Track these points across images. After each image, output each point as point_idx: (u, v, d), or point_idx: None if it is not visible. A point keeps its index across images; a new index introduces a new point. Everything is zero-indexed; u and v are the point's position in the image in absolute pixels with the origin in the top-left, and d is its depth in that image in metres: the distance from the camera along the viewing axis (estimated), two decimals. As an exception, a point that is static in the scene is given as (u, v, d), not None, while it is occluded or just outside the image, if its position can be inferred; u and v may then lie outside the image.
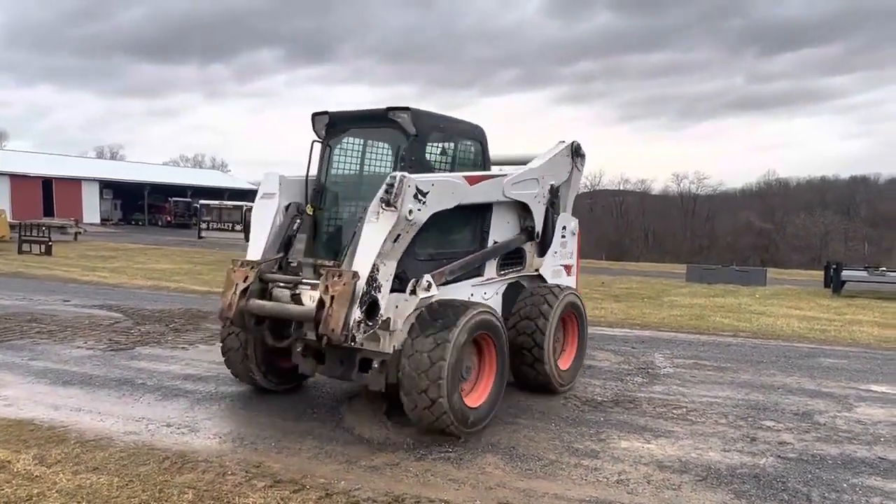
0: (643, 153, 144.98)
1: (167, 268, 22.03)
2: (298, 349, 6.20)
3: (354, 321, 5.18)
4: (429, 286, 5.76)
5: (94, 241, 34.35)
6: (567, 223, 8.18)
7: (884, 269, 22.73)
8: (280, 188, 6.42)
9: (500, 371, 6.07)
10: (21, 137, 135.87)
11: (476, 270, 6.75)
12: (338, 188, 6.66)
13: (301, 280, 5.97)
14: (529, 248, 7.50)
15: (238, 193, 67.60)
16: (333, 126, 6.63)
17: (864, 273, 21.39)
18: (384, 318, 5.46)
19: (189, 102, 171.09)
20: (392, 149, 6.67)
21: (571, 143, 8.07)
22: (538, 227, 7.43)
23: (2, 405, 6.31)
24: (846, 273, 21.13)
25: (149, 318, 11.41)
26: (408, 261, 5.74)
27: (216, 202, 52.99)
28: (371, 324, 5.34)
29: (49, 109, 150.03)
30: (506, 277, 7.23)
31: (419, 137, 6.16)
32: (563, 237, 8.14)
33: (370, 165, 6.76)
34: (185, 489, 4.50)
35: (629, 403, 6.92)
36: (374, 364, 5.77)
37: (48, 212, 50.45)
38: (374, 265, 5.34)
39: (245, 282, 5.82)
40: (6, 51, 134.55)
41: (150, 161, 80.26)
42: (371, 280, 5.32)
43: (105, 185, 59.95)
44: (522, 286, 7.46)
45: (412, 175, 5.51)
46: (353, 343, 5.27)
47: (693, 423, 6.31)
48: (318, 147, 6.69)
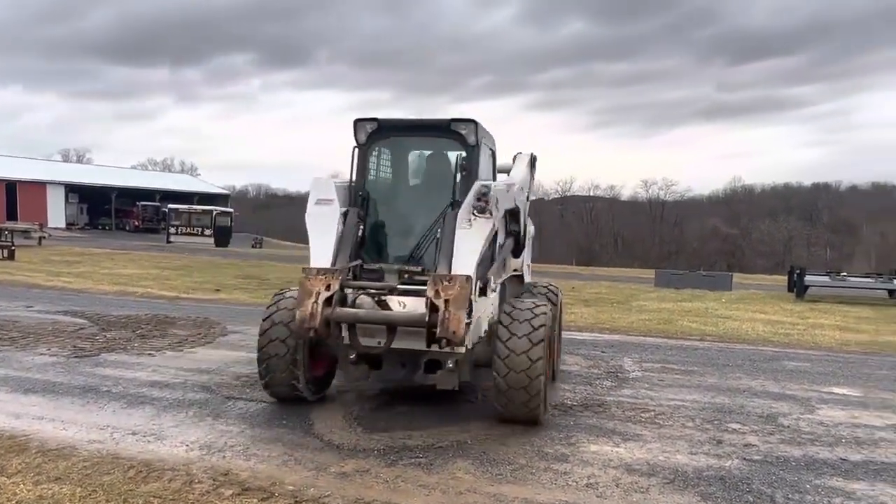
0: (613, 160, 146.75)
1: (134, 273, 21.66)
2: (351, 356, 6.08)
3: (465, 323, 5.45)
4: (495, 287, 6.03)
5: (59, 246, 33.64)
6: (529, 227, 8.46)
7: (845, 274, 23.27)
8: (336, 194, 6.39)
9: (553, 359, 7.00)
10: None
11: None
12: (378, 194, 6.76)
13: (396, 287, 5.99)
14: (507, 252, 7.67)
15: (208, 198, 66.84)
16: (378, 133, 6.67)
17: (827, 278, 21.87)
18: (474, 320, 5.77)
19: (160, 105, 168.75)
20: (442, 157, 6.89)
21: (531, 155, 8.35)
22: (522, 231, 7.59)
23: (-40, 414, 6.13)
24: (809, 278, 21.59)
25: (114, 324, 11.20)
26: None
27: (185, 206, 52.34)
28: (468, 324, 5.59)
29: (15, 112, 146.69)
30: (501, 279, 7.36)
31: (476, 147, 6.53)
32: (529, 240, 8.52)
33: (419, 173, 7.05)
34: (151, 498, 4.41)
35: (598, 407, 6.97)
36: (449, 364, 5.92)
37: (11, 216, 49.34)
38: (476, 269, 5.76)
39: (328, 290, 5.72)
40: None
41: (119, 165, 79.02)
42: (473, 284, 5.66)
43: (71, 189, 58.82)
44: (504, 286, 7.66)
45: (492, 183, 6.12)
46: (464, 344, 5.58)
47: (661, 427, 6.37)
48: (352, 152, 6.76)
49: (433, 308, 5.47)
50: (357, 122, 6.66)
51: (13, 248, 25.14)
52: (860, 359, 10.73)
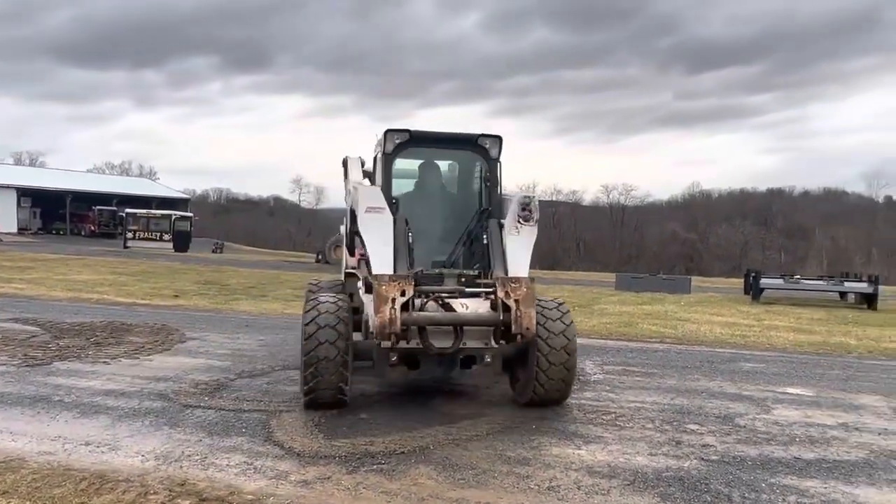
0: (575, 166, 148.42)
1: (90, 279, 21.11)
2: (393, 359, 6.33)
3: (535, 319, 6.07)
4: None
5: (11, 252, 32.61)
6: None
7: (798, 277, 23.92)
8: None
9: None
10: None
11: None
12: (404, 201, 7.03)
13: (464, 290, 6.37)
14: None
15: (167, 202, 65.59)
16: (407, 143, 6.98)
17: (781, 281, 22.43)
18: None
19: (117, 108, 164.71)
20: (467, 169, 7.41)
21: None
22: None
23: None
24: (764, 281, 22.12)
25: (68, 332, 10.88)
26: None
27: (143, 211, 51.25)
28: None
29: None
30: None
31: (498, 161, 7.10)
32: None
33: (443, 183, 7.48)
34: (104, 511, 4.28)
35: (560, 410, 7.01)
36: (487, 359, 6.48)
37: (-40, 220, 47.64)
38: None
39: (403, 296, 5.88)
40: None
41: (74, 168, 76.97)
42: None
43: (23, 193, 57.15)
44: None
45: (533, 195, 6.82)
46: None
47: (622, 429, 6.44)
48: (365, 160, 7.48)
49: (505, 308, 6.00)
50: (388, 132, 6.93)
51: (-39, 254, 24.31)
52: (813, 359, 11.01)
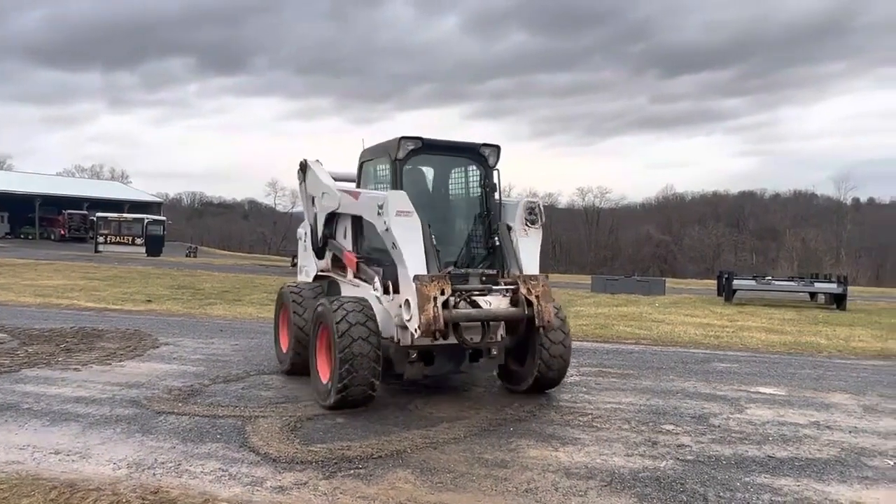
0: (552, 168, 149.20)
1: (60, 284, 20.72)
2: (413, 356, 6.82)
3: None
4: None
5: (-23, 257, 31.89)
6: None
7: (770, 278, 24.30)
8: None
9: None
10: None
11: None
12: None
13: (491, 288, 6.88)
14: None
15: (139, 206, 64.73)
16: (417, 150, 7.31)
17: (753, 282, 22.77)
18: None
19: (90, 110, 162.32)
20: (469, 175, 7.80)
21: None
22: None
23: None
24: (737, 282, 22.43)
25: (37, 338, 10.66)
26: None
27: (115, 215, 50.55)
28: None
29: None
30: None
31: (496, 169, 7.63)
32: None
33: (446, 188, 7.82)
34: (74, 521, 4.19)
35: (538, 412, 7.03)
36: (493, 352, 7.13)
37: (-76, 225, 46.52)
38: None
39: (442, 294, 6.25)
40: None
41: (43, 172, 75.58)
42: None
43: (-10, 197, 55.94)
44: None
45: (538, 199, 7.55)
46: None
47: (598, 430, 6.47)
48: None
49: (528, 303, 6.59)
50: (402, 140, 7.22)
51: (-74, 259, 23.72)
52: (785, 359, 11.18)
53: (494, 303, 6.77)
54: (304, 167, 8.88)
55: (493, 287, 6.90)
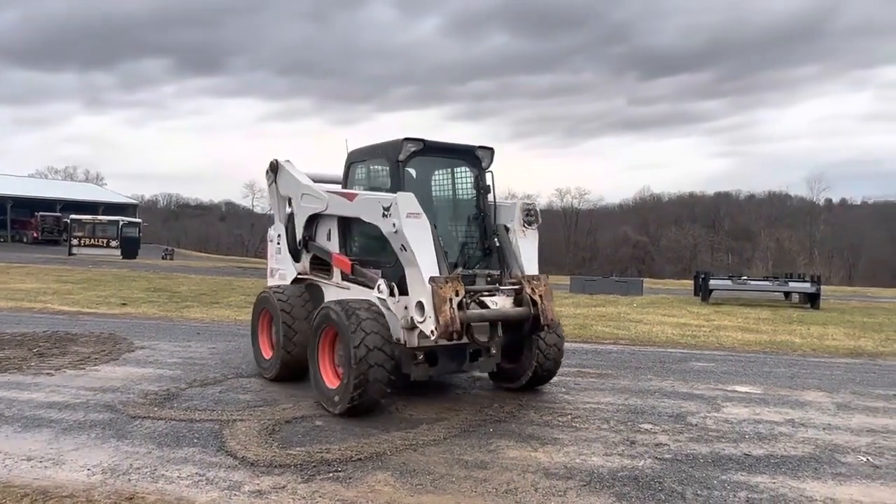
0: (532, 170, 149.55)
1: (32, 287, 20.35)
2: (419, 357, 6.88)
3: None
4: None
5: (-53, 260, 31.24)
6: None
7: (745, 278, 24.61)
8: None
9: None
10: None
11: None
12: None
13: (499, 288, 7.02)
14: None
15: (114, 208, 63.88)
16: (419, 152, 7.28)
17: (729, 282, 23.02)
18: None
19: (65, 111, 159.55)
20: (465, 177, 7.82)
21: None
22: None
23: None
24: (713, 282, 22.67)
25: (8, 343, 10.46)
26: None
27: (89, 217, 49.69)
28: None
29: None
30: None
31: (489, 171, 7.75)
32: None
33: (442, 189, 7.81)
34: (47, 528, 4.11)
35: (517, 412, 7.04)
36: (492, 350, 7.32)
37: None
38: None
39: (457, 295, 6.30)
40: None
41: (15, 173, 74.17)
42: None
43: (-41, 199, 54.84)
44: None
45: (534, 202, 7.76)
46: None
47: (577, 430, 6.49)
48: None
49: (533, 302, 6.77)
50: (406, 141, 7.20)
51: None
52: (760, 358, 11.32)
53: (500, 303, 6.89)
54: (276, 167, 8.75)
55: (500, 287, 7.05)
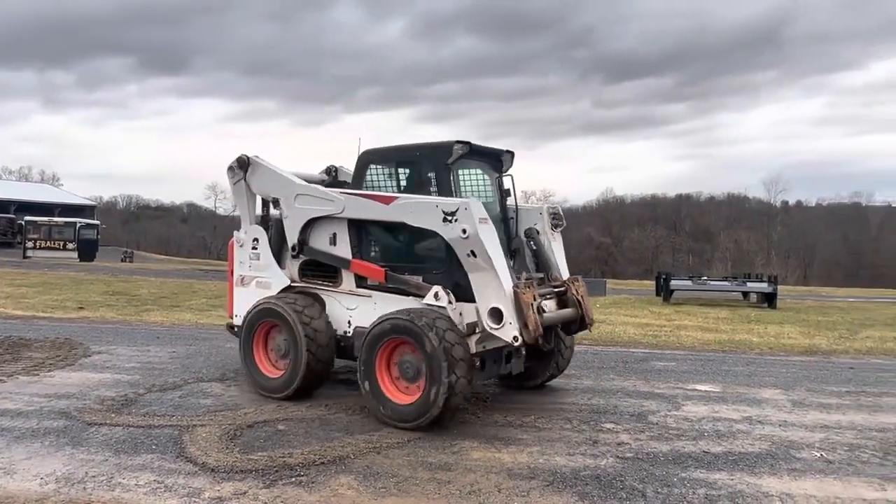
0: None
1: (-16, 291, 19.72)
2: (477, 363, 6.69)
3: None
4: None
5: None
6: None
7: (705, 279, 25.07)
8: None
9: None
10: None
11: None
12: None
13: (556, 292, 7.27)
14: None
15: (72, 209, 62.37)
16: (466, 155, 7.22)
17: (689, 282, 23.42)
18: None
19: (21, 110, 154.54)
20: (493, 180, 7.83)
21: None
22: None
23: None
24: (674, 283, 23.04)
25: (-42, 349, 10.11)
26: None
27: (45, 219, 48.37)
28: None
29: None
30: None
31: (510, 174, 7.86)
32: None
33: (475, 192, 7.64)
34: (-3, 540, 3.98)
35: (481, 413, 7.05)
36: (522, 351, 7.24)
37: None
38: None
39: (534, 300, 6.44)
40: None
41: (-35, 173, 71.86)
42: None
43: None
44: None
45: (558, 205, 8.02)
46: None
47: (540, 430, 6.53)
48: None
49: (578, 303, 7.14)
50: (459, 143, 7.13)
51: None
52: (719, 357, 11.53)
53: (549, 305, 7.05)
54: (246, 163, 8.01)
55: (555, 290, 7.27)
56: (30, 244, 44.46)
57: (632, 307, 20.67)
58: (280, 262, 8.05)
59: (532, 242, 7.83)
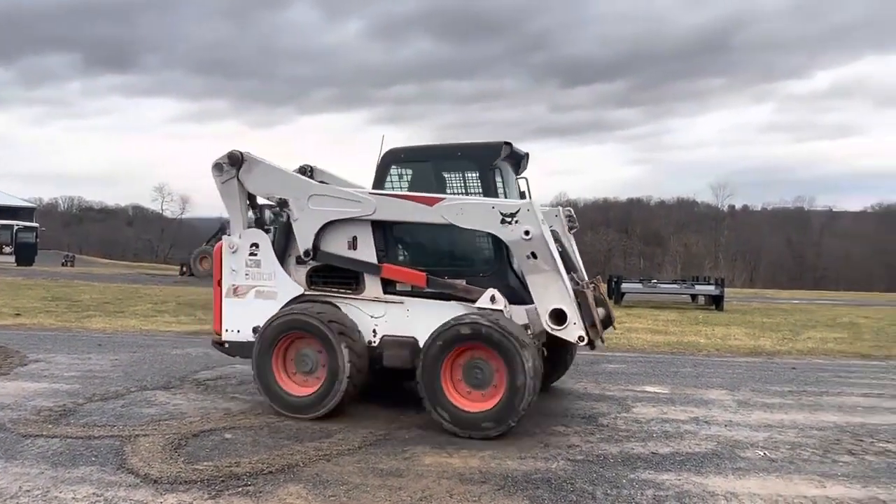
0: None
1: (-88, 297, 18.85)
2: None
3: None
4: None
5: None
6: None
7: (655, 282, 25.61)
8: None
9: None
10: None
11: None
12: None
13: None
14: None
15: (8, 211, 59.98)
16: (506, 156, 7.40)
17: (640, 285, 23.92)
18: None
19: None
20: (516, 181, 7.95)
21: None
22: None
23: None
24: (625, 286, 23.51)
25: None
26: None
27: (-22, 221, 46.54)
28: None
29: None
30: None
31: (524, 176, 8.01)
32: None
33: (510, 193, 7.66)
34: (-79, 561, 3.79)
35: (433, 420, 7.03)
36: (545, 352, 7.44)
37: None
38: None
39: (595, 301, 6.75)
40: None
41: None
42: None
43: None
44: None
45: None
46: None
47: (493, 434, 6.56)
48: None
49: (604, 302, 7.28)
50: (505, 145, 7.27)
51: None
52: (668, 358, 11.80)
53: None
54: (239, 160, 7.24)
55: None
56: (-38, 248, 42.68)
57: (584, 310, 20.96)
58: (286, 270, 7.42)
59: (557, 245, 7.79)
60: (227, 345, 7.45)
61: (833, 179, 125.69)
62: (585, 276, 7.73)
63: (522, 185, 7.93)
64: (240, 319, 7.34)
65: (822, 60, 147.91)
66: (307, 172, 8.29)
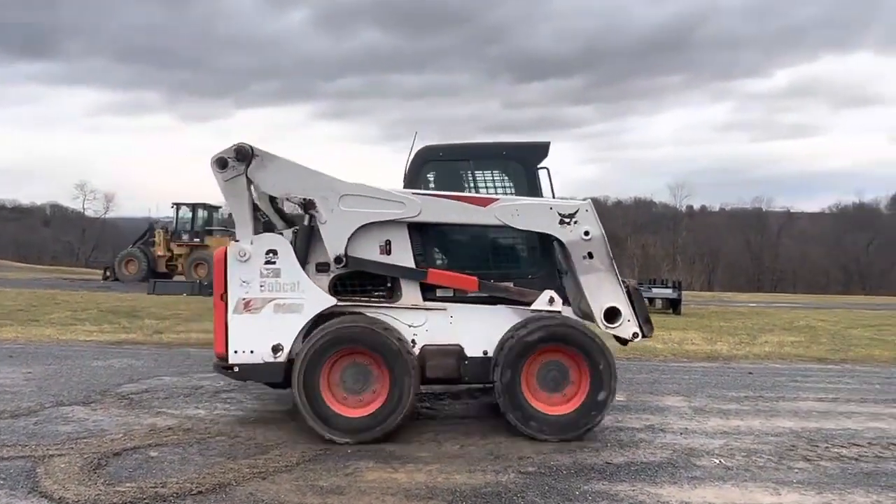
0: (402, 173, 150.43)
1: None
2: None
3: None
4: None
5: None
6: None
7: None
8: None
9: None
10: None
11: None
12: None
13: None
14: None
15: None
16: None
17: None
18: None
19: None
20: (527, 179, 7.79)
21: None
22: None
23: None
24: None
25: None
26: None
27: None
28: None
29: None
30: None
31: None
32: None
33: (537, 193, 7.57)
34: None
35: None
36: None
37: None
38: None
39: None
40: None
41: None
42: None
43: None
44: None
45: None
46: None
47: (440, 446, 6.57)
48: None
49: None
50: (549, 145, 7.51)
51: None
52: (624, 364, 11.98)
53: None
54: (249, 155, 6.66)
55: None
56: None
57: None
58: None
59: None
60: (237, 368, 6.78)
61: (790, 180, 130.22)
62: None
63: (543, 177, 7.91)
64: (254, 338, 6.73)
65: (781, 59, 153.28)
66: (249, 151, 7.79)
